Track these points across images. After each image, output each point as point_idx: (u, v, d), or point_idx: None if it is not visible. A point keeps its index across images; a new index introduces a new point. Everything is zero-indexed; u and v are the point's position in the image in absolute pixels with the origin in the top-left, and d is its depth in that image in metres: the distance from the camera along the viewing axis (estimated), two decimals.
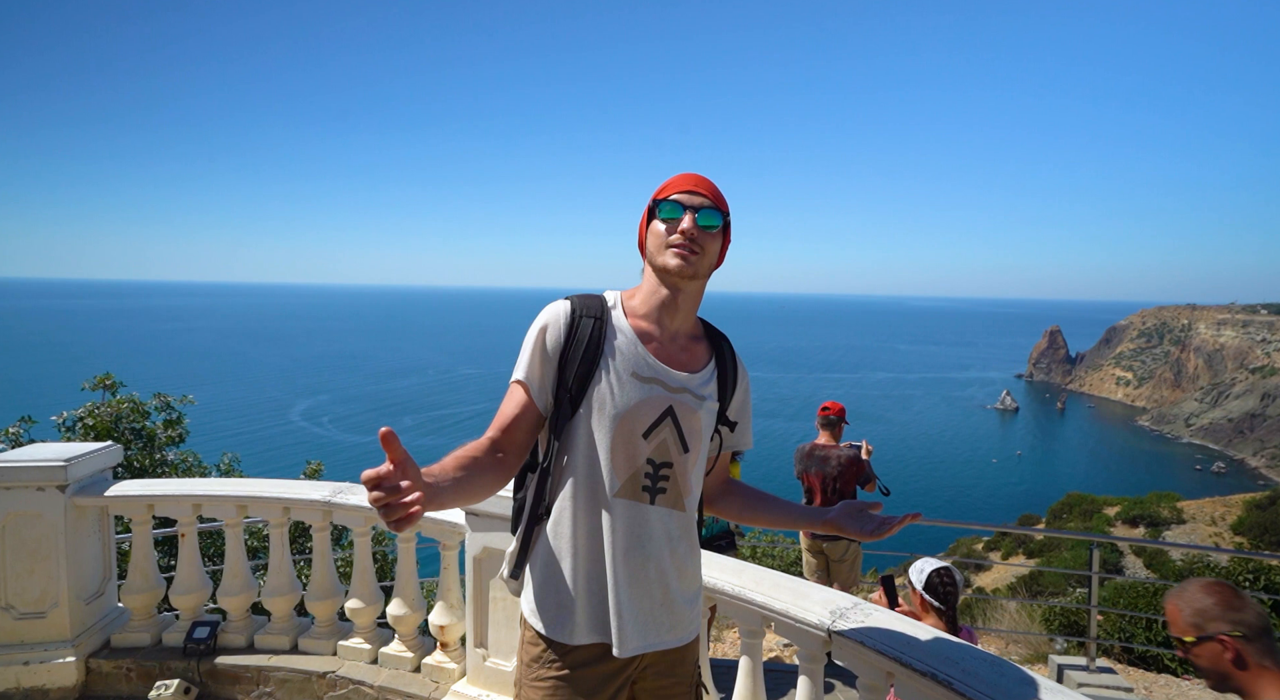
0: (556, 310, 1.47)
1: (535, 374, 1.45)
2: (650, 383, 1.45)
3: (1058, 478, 72.62)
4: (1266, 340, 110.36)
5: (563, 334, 1.45)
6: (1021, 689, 1.63)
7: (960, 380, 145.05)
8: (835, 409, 5.06)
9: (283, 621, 3.22)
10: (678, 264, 1.43)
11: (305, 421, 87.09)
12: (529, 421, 1.47)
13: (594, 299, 1.51)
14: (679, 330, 1.54)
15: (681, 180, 1.49)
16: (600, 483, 1.43)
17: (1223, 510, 37.00)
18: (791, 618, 2.09)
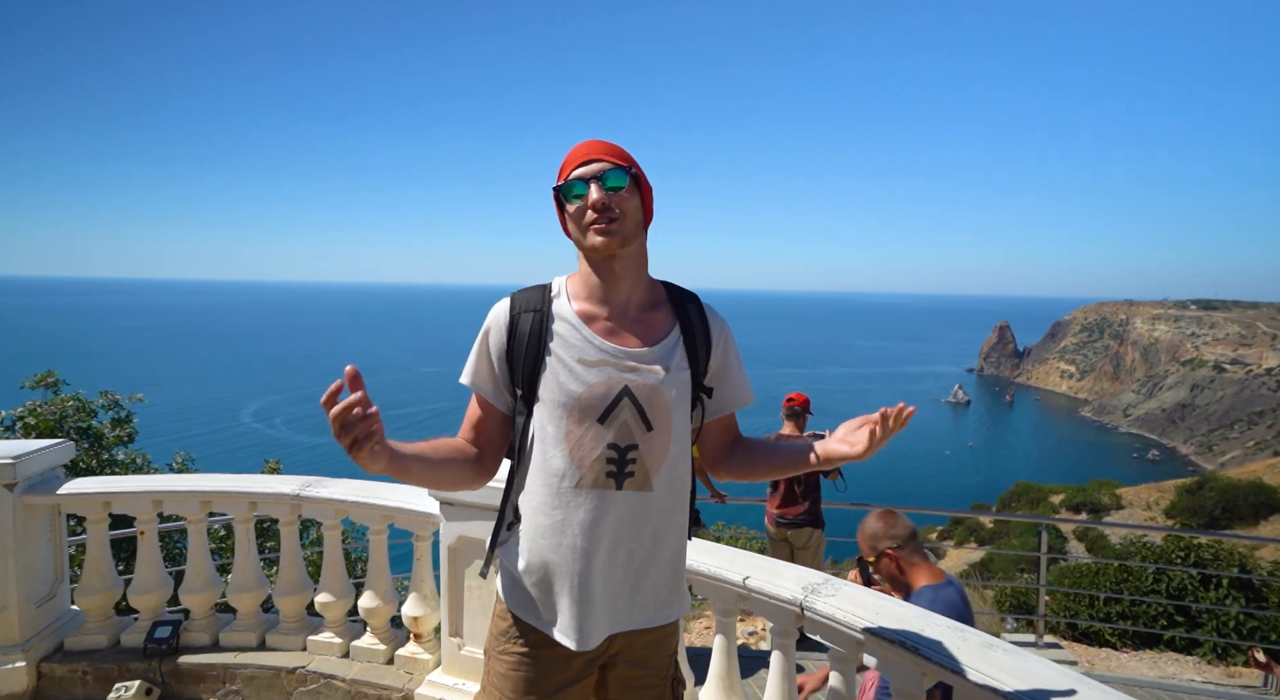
0: (497, 311, 1.47)
1: (482, 377, 1.46)
2: (599, 366, 1.40)
3: (1007, 468, 75.41)
4: (1195, 334, 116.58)
5: (504, 334, 1.44)
6: (982, 651, 1.73)
7: (914, 374, 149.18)
8: (800, 400, 5.17)
9: (249, 618, 3.15)
10: (602, 241, 1.38)
11: (257, 423, 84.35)
12: (494, 421, 1.50)
13: (534, 291, 1.48)
14: (629, 302, 1.47)
15: (574, 155, 1.43)
16: (561, 476, 1.39)
17: (1157, 496, 39.13)
18: (765, 594, 2.16)
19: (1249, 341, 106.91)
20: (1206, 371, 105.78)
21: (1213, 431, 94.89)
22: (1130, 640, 6.88)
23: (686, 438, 1.49)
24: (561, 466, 1.39)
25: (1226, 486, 37.13)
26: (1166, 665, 6.39)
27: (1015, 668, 1.65)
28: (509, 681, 1.46)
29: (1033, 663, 1.68)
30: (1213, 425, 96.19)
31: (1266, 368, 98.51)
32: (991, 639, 1.81)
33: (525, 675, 1.45)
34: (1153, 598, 6.95)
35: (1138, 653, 6.71)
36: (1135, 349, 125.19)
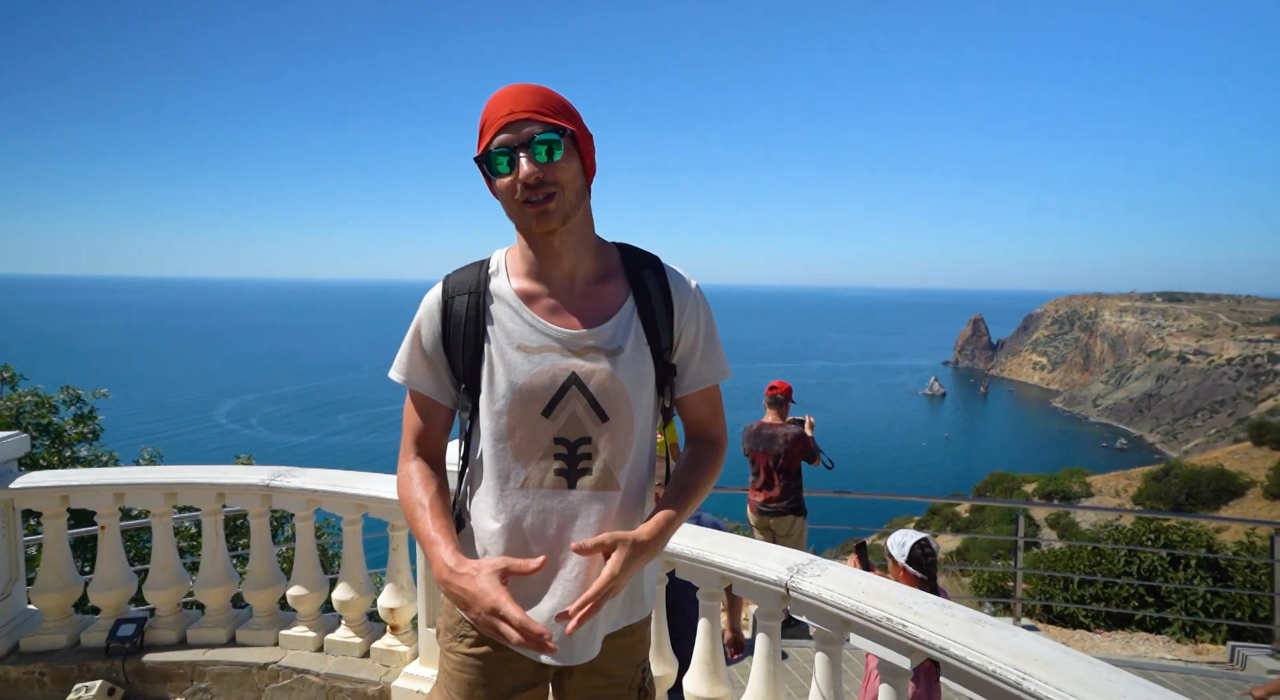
0: (429, 299, 1.30)
1: (418, 372, 1.30)
2: (541, 352, 1.23)
3: (982, 458, 76.88)
4: (1161, 326, 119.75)
5: (438, 324, 1.28)
6: (970, 626, 1.71)
7: (892, 368, 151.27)
8: (782, 388, 5.17)
9: (218, 614, 3.05)
10: (540, 222, 1.18)
11: (231, 422, 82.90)
12: (442, 421, 1.34)
13: (470, 270, 1.31)
14: (575, 276, 1.27)
15: (494, 110, 1.17)
16: (506, 476, 1.25)
17: (1125, 483, 40.24)
18: (750, 575, 2.12)
19: (1211, 333, 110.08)
20: (1171, 362, 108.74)
21: (1177, 420, 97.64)
22: (1103, 621, 7.01)
23: (652, 425, 1.34)
24: (506, 466, 1.25)
25: (1190, 473, 38.32)
26: (1138, 645, 6.52)
27: (1003, 641, 1.64)
28: (455, 682, 1.32)
29: (1020, 637, 1.66)
30: (1177, 414, 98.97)
31: (1227, 358, 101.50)
32: (978, 615, 1.79)
33: (471, 677, 1.31)
34: (1124, 579, 7.08)
35: (1110, 633, 6.84)
36: (1104, 341, 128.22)
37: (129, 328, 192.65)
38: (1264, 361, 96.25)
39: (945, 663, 1.69)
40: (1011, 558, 6.38)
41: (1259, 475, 37.68)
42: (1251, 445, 46.47)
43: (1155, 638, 6.69)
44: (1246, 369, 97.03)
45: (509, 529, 1.25)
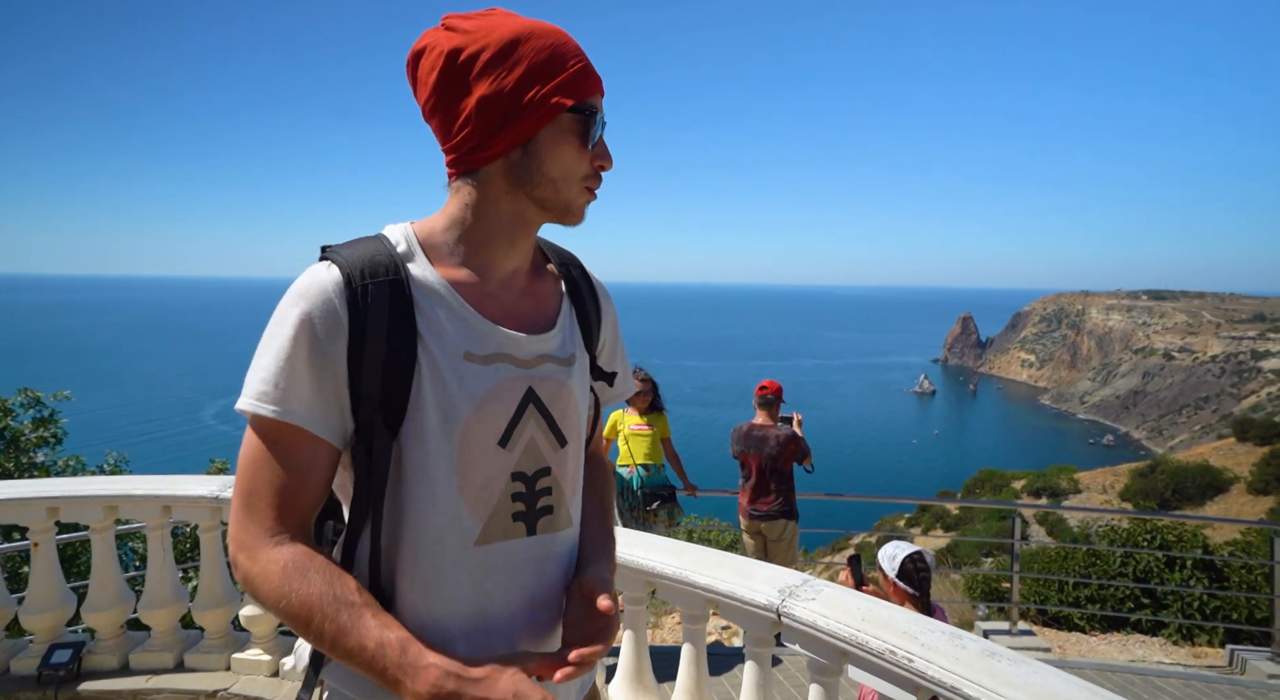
0: (317, 284, 0.84)
1: (299, 397, 0.83)
2: (492, 363, 0.91)
3: (972, 455, 77.35)
4: (1147, 323, 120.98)
5: (343, 321, 0.84)
6: (985, 662, 1.53)
7: (882, 365, 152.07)
8: (773, 388, 4.99)
9: (165, 636, 2.82)
10: (584, 209, 0.96)
11: (219, 422, 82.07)
12: (323, 471, 0.86)
13: (368, 248, 0.89)
14: (517, 268, 0.99)
15: (584, 60, 0.92)
16: (453, 533, 0.89)
17: (1112, 479, 40.53)
18: (738, 599, 1.93)
19: (1195, 330, 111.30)
20: (1157, 359, 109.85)
21: (1163, 417, 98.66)
22: (1098, 623, 6.89)
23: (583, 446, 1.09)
24: (450, 519, 0.89)
25: (1176, 469, 38.66)
26: (1134, 647, 6.40)
27: (1022, 681, 1.45)
28: None
29: (1040, 675, 1.47)
30: (1163, 411, 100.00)
31: (1211, 355, 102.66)
32: (994, 647, 1.61)
33: None
34: (1120, 581, 6.97)
35: (1106, 636, 6.72)
36: (1091, 338, 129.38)
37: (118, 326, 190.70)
38: (1247, 358, 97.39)
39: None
40: (1003, 555, 6.25)
41: (1243, 471, 38.02)
42: (1235, 441, 46.93)
43: (1151, 640, 6.57)
44: (1230, 366, 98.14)
45: (463, 603, 0.90)
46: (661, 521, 4.72)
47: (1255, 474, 36.18)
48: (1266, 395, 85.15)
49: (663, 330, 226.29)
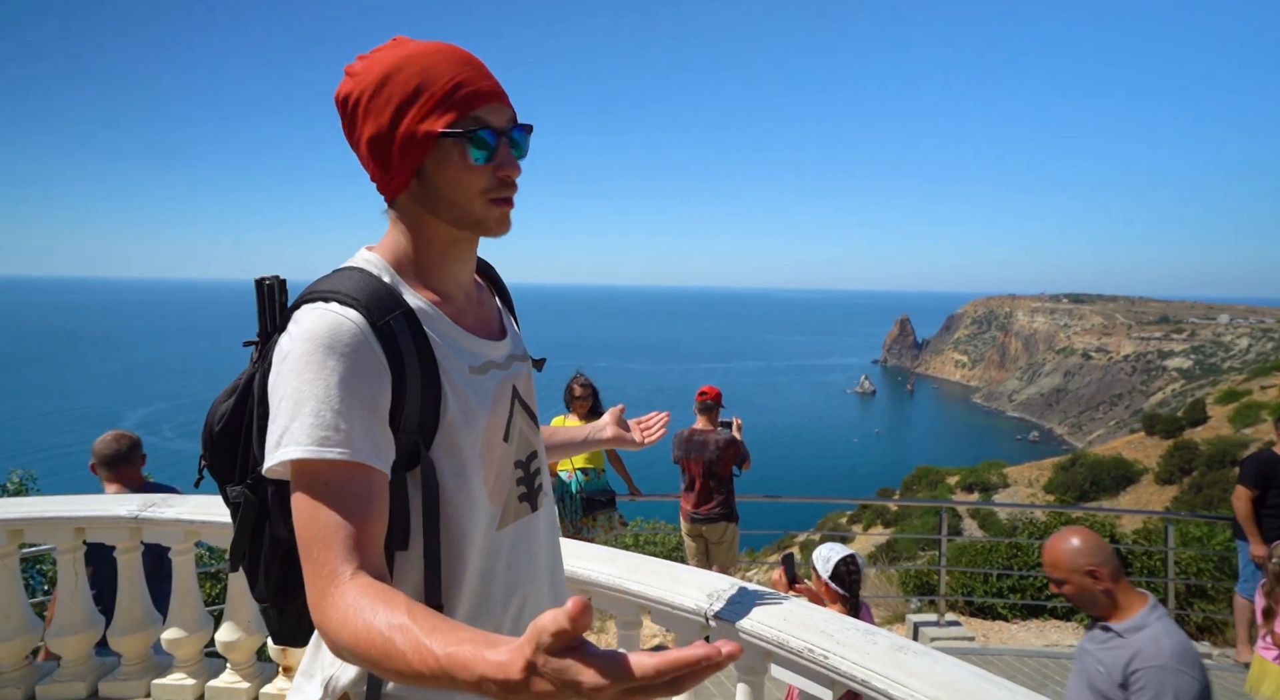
0: (348, 329, 0.87)
1: (363, 435, 0.85)
2: (486, 372, 1.02)
3: (910, 452, 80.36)
4: (1068, 325, 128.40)
5: (382, 359, 0.88)
6: (893, 655, 1.64)
7: (824, 367, 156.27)
8: (712, 394, 5.10)
9: (77, 665, 2.69)
10: (500, 225, 0.99)
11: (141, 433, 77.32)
12: (383, 503, 0.89)
13: (368, 283, 0.93)
14: (468, 282, 1.08)
15: (472, 71, 0.94)
16: (480, 523, 0.99)
17: (1037, 473, 42.89)
18: (669, 605, 1.99)
19: (1110, 331, 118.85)
20: (1077, 359, 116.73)
21: (1082, 413, 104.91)
22: (1019, 612, 7.30)
23: None
24: (481, 511, 0.99)
25: (1094, 462, 41.25)
26: (1050, 632, 6.82)
27: (925, 671, 1.56)
28: None
29: (942, 665, 1.59)
30: (1082, 407, 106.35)
31: (1124, 355, 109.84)
32: (902, 640, 1.72)
33: None
34: (1037, 570, 7.40)
35: (1026, 623, 7.13)
36: (1018, 339, 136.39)
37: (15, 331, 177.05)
38: (1154, 358, 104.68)
39: (866, 695, 1.61)
40: (937, 551, 6.57)
41: (1151, 462, 40.82)
42: (1145, 435, 50.34)
43: (1066, 625, 7.02)
44: (1140, 365, 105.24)
45: (482, 588, 1.00)
46: (601, 527, 4.75)
47: (1161, 465, 38.90)
48: (1171, 392, 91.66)
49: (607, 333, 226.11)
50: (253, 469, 0.99)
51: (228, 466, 1.03)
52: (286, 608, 1.04)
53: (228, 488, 1.03)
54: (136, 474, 3.09)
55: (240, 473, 1.02)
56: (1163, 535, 6.66)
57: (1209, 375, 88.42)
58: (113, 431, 3.11)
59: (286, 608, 1.04)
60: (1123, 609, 2.10)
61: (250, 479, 0.99)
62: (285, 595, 1.03)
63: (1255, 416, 41.66)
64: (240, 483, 1.01)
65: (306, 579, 0.83)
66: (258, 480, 0.97)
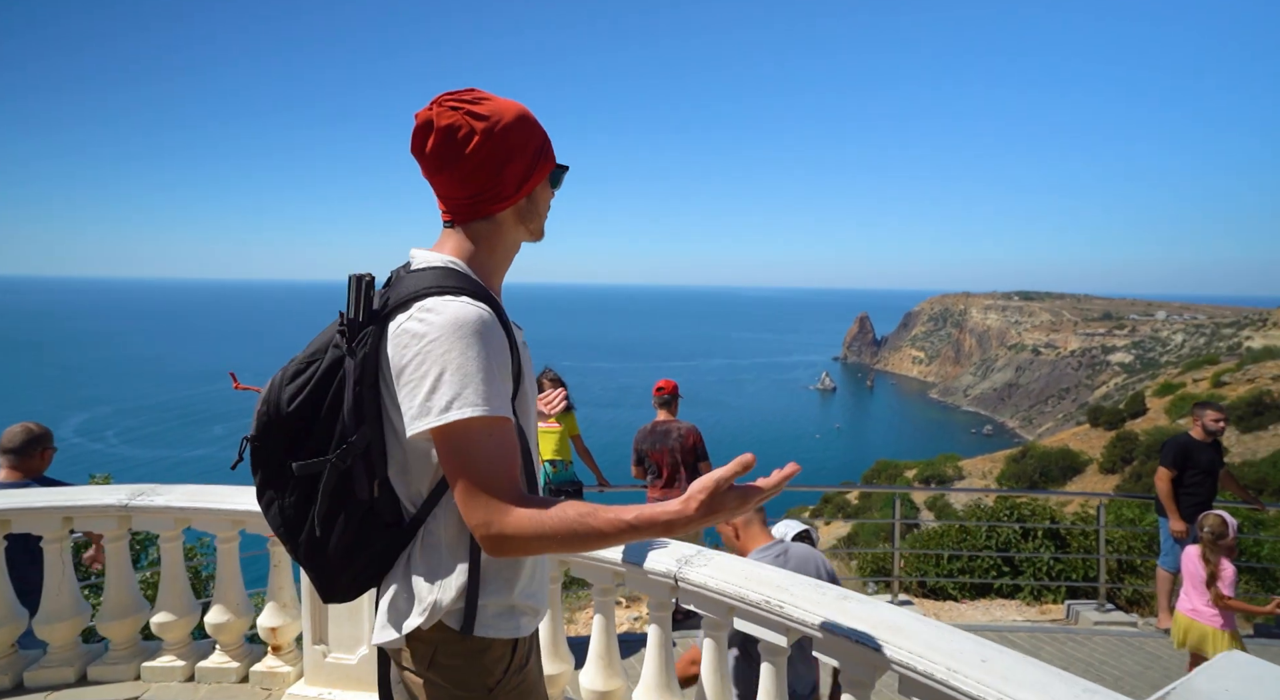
0: (484, 320, 1.13)
1: (508, 400, 1.15)
2: (523, 352, 1.31)
3: (869, 447, 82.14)
4: (1019, 322, 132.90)
5: (505, 343, 1.17)
6: (839, 604, 1.87)
7: (787, 364, 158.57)
8: (669, 387, 5.30)
9: (65, 650, 2.76)
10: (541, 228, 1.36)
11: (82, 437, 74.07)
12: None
13: (468, 282, 1.20)
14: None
15: (546, 134, 1.32)
16: (532, 476, 1.28)
17: (990, 465, 44.46)
18: (642, 569, 2.20)
19: (1058, 327, 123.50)
20: (1027, 354, 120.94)
21: (1032, 407, 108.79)
22: (968, 592, 7.74)
23: None
24: (533, 466, 1.29)
25: (1042, 454, 42.96)
26: (995, 610, 7.26)
27: (866, 615, 1.80)
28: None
29: (881, 610, 1.83)
30: (1032, 401, 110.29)
31: (1070, 350, 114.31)
32: (847, 592, 1.96)
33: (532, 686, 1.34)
34: (985, 552, 7.85)
35: (974, 602, 7.56)
36: (972, 336, 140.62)
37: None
38: (1098, 353, 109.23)
39: (817, 638, 1.84)
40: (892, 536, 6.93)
41: (1095, 453, 42.72)
42: (1090, 427, 52.62)
43: (1009, 602, 7.47)
44: (1085, 360, 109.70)
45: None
46: None
47: (1105, 456, 40.76)
48: (1114, 385, 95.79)
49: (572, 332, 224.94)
50: (341, 440, 1.17)
51: (290, 445, 1.19)
52: (346, 566, 1.22)
53: (291, 463, 1.18)
54: (38, 466, 3.10)
55: (312, 451, 1.18)
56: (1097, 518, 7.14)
57: (1148, 369, 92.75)
58: (23, 423, 3.10)
59: (346, 566, 1.22)
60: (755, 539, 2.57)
61: (340, 448, 1.16)
62: (350, 554, 1.21)
63: (1188, 408, 43.86)
64: (312, 456, 1.18)
65: (484, 507, 1.08)
66: (348, 449, 1.16)
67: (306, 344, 1.26)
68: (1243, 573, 7.27)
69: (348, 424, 1.16)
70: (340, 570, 1.23)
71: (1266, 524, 9.28)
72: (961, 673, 1.54)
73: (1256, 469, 31.23)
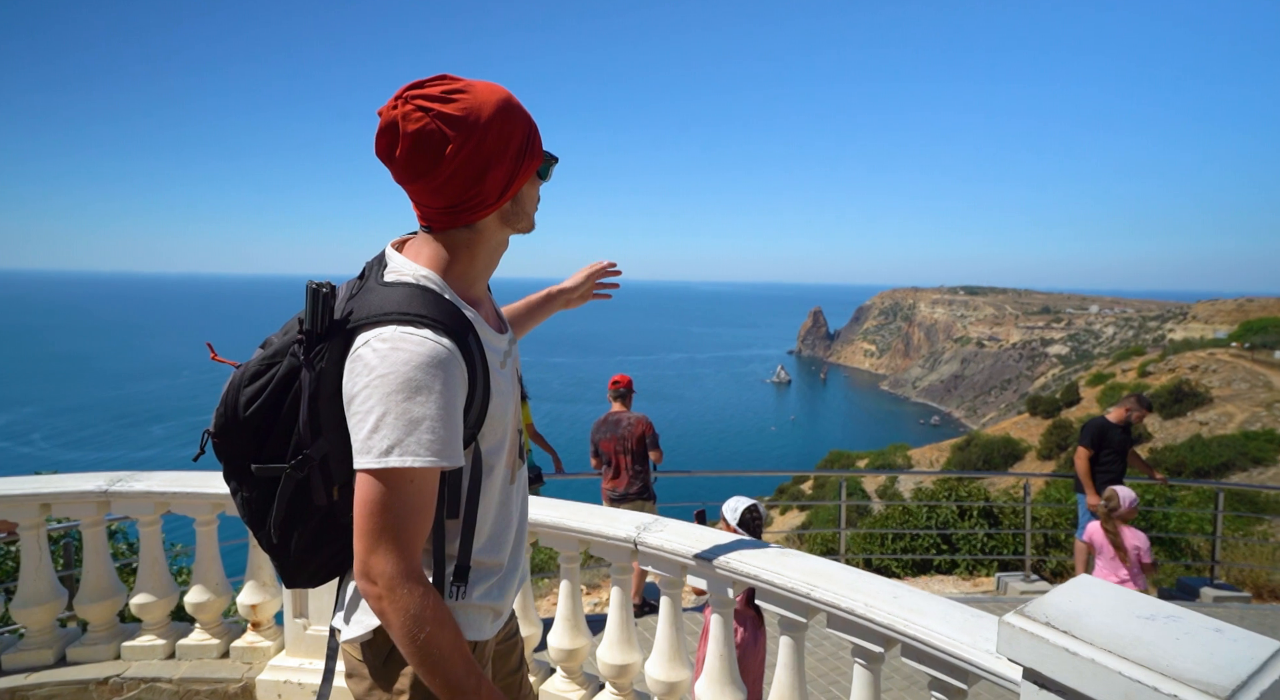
0: (444, 358, 1.06)
1: (459, 447, 1.09)
2: (505, 363, 1.25)
3: (823, 438, 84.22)
4: (964, 315, 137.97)
5: (465, 379, 1.10)
6: (777, 557, 2.14)
7: (743, 358, 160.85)
8: (624, 382, 5.52)
9: (42, 633, 2.83)
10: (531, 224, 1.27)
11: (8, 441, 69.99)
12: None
13: (436, 303, 1.11)
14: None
15: (535, 126, 1.21)
16: (498, 484, 1.27)
17: (937, 455, 46.28)
18: (604, 536, 2.43)
19: (1000, 321, 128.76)
20: (972, 347, 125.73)
21: (977, 397, 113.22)
22: (910, 569, 8.24)
23: None
24: (499, 476, 1.26)
25: (986, 442, 44.97)
26: (934, 586, 7.76)
27: (798, 565, 2.08)
28: None
29: (812, 561, 2.12)
30: (977, 392, 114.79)
31: (1012, 343, 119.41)
32: (785, 549, 2.23)
33: None
34: (925, 531, 8.36)
35: (915, 579, 8.07)
36: (920, 329, 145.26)
37: None
38: (1038, 345, 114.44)
39: (759, 587, 2.10)
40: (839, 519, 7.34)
41: (1034, 441, 44.96)
42: (1029, 416, 55.25)
43: (947, 578, 8.00)
44: (1025, 352, 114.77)
45: (504, 526, 1.29)
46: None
47: (1043, 443, 42.96)
48: (1052, 376, 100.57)
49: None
50: (296, 450, 1.15)
51: (247, 445, 1.18)
52: (308, 563, 1.24)
53: (251, 465, 1.17)
54: None
55: (271, 453, 1.17)
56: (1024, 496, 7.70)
57: (1082, 360, 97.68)
58: None
59: (308, 563, 1.24)
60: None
61: (296, 458, 1.14)
62: (311, 552, 1.22)
63: (1117, 396, 46.61)
64: (269, 461, 1.17)
65: (393, 558, 1.03)
66: (304, 460, 1.14)
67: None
68: (1153, 543, 7.94)
69: (303, 435, 1.14)
70: (301, 565, 1.24)
71: (1176, 500, 10.11)
72: (877, 607, 1.83)
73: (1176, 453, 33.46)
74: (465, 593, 1.20)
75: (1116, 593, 1.24)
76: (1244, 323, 65.03)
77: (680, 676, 2.41)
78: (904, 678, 4.87)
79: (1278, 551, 7.89)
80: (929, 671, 1.71)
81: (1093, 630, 1.12)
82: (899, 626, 1.76)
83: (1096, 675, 1.06)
